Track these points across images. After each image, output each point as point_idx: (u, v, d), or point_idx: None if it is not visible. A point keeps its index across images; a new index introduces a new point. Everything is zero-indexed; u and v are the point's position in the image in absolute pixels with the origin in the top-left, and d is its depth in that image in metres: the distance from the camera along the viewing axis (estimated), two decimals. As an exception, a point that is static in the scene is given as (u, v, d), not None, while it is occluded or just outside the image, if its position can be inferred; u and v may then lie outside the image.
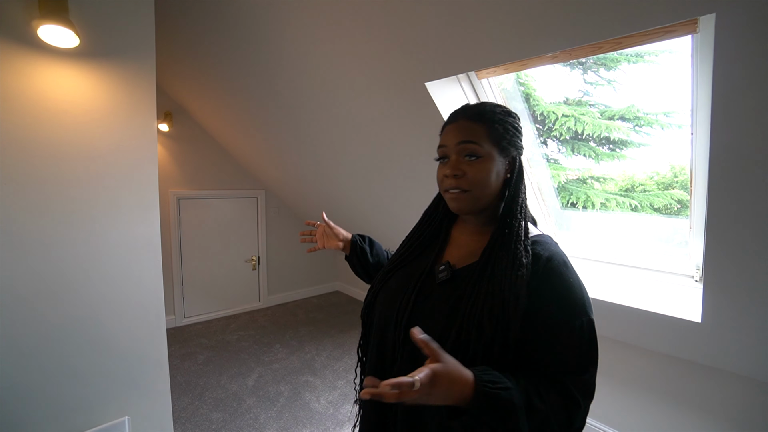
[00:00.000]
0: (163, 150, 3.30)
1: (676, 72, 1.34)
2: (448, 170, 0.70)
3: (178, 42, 2.29)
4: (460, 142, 0.70)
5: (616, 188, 1.95)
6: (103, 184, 1.44)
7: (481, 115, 0.72)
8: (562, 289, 0.65)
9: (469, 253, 0.75)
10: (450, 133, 0.72)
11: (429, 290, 0.73)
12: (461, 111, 0.74)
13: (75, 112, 1.35)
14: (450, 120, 0.74)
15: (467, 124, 0.71)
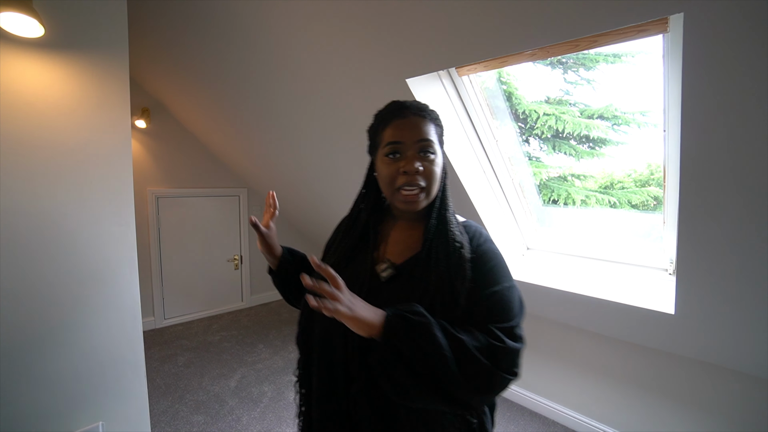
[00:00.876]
0: (140, 147, 3.21)
1: (652, 72, 1.37)
2: (408, 165, 0.69)
3: (155, 37, 2.22)
4: (420, 140, 0.71)
5: (595, 185, 2.00)
6: (74, 182, 1.38)
7: (428, 113, 0.74)
8: (494, 263, 0.72)
9: (407, 248, 0.76)
10: (406, 130, 0.71)
11: (376, 292, 0.71)
12: (406, 107, 0.73)
13: (41, 106, 1.29)
14: (397, 115, 0.73)
15: (420, 122, 0.72)
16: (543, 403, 2.27)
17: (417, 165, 0.69)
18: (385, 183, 0.73)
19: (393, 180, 0.71)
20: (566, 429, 2.13)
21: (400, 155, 0.71)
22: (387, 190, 0.74)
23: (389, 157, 0.72)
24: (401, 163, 0.70)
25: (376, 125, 0.76)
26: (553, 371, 2.24)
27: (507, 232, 2.04)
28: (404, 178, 0.70)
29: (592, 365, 2.07)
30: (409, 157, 0.70)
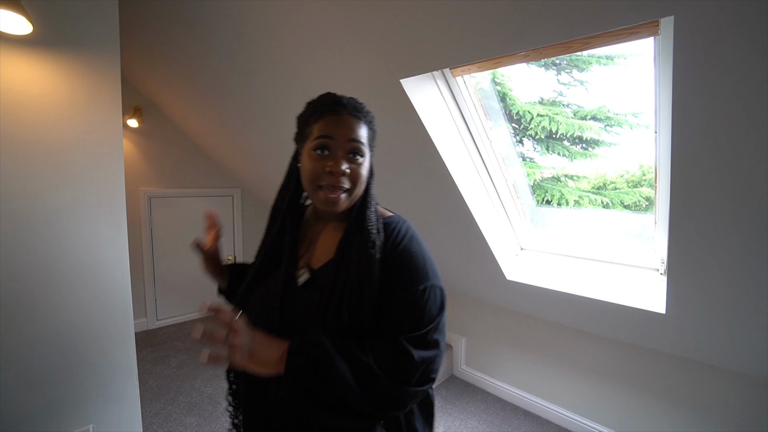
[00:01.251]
0: (132, 147, 3.17)
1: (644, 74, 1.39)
2: (335, 165, 0.66)
3: (148, 36, 2.20)
4: (351, 140, 0.68)
5: (588, 186, 2.01)
6: (64, 181, 1.36)
7: (364, 114, 0.72)
8: (408, 264, 0.69)
9: (327, 250, 0.74)
10: (338, 127, 0.68)
11: (294, 297, 0.70)
12: (343, 104, 0.70)
13: (30, 104, 1.27)
14: (332, 110, 0.69)
15: (353, 121, 0.70)
16: (536, 402, 2.28)
17: (344, 167, 0.67)
18: (307, 178, 0.69)
19: (317, 177, 0.68)
20: (560, 428, 2.15)
21: (328, 152, 0.68)
22: (308, 186, 0.70)
23: (317, 152, 0.68)
24: (328, 162, 0.67)
25: (308, 115, 0.72)
26: (546, 370, 2.25)
27: (501, 233, 2.05)
28: (329, 178, 0.67)
29: (584, 364, 2.09)
30: (337, 156, 0.68)
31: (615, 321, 1.80)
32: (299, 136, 0.75)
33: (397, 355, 0.63)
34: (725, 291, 1.31)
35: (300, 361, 0.61)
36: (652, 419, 1.86)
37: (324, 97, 0.73)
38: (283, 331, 0.66)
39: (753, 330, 1.35)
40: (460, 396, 2.47)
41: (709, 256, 1.25)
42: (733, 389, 1.62)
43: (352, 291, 0.66)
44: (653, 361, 1.84)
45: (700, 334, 1.53)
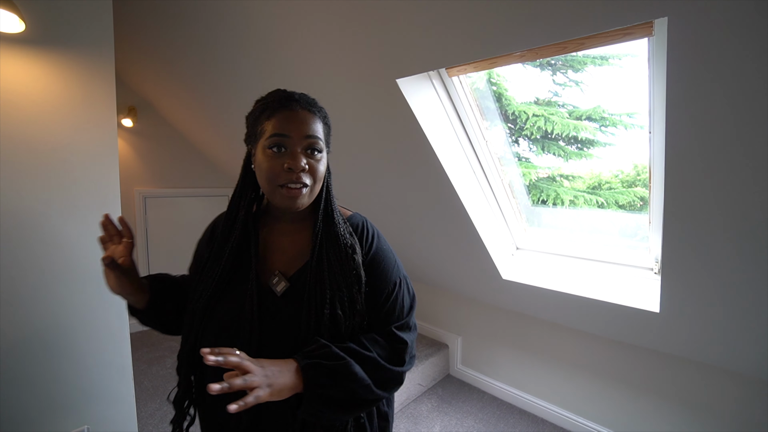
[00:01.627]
0: (127, 146, 3.15)
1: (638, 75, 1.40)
2: (294, 162, 0.65)
3: (142, 35, 2.19)
4: (307, 136, 0.67)
5: (584, 186, 2.02)
6: (58, 181, 1.35)
7: (318, 109, 0.72)
8: (384, 263, 0.75)
9: (297, 255, 0.73)
10: (293, 123, 0.66)
11: (272, 310, 0.68)
12: (295, 100, 0.69)
13: (23, 103, 1.26)
14: (284, 105, 0.68)
15: (308, 117, 0.68)
16: (532, 401, 2.29)
17: (302, 162, 0.65)
18: (265, 178, 0.67)
19: (275, 176, 0.66)
20: (555, 426, 2.16)
21: (285, 150, 0.66)
22: (267, 185, 0.67)
23: (272, 150, 0.66)
24: (286, 159, 0.65)
25: (259, 113, 0.69)
26: (541, 369, 2.26)
27: (497, 232, 2.06)
28: (287, 176, 0.65)
29: (580, 363, 2.10)
30: (295, 153, 0.66)
31: (610, 320, 1.81)
32: (250, 136, 0.72)
33: (394, 344, 0.70)
34: (719, 290, 1.32)
35: (319, 376, 0.61)
36: (647, 417, 1.88)
37: (274, 93, 0.71)
38: (262, 342, 0.65)
39: (746, 329, 1.36)
40: (456, 395, 2.48)
41: (702, 255, 1.27)
42: (727, 388, 1.64)
43: (342, 297, 0.67)
44: (647, 359, 1.85)
45: (694, 333, 1.54)
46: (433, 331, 2.89)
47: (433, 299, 2.89)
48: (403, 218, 2.26)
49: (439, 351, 2.69)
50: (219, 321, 0.68)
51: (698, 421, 1.72)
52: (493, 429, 2.14)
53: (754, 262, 1.18)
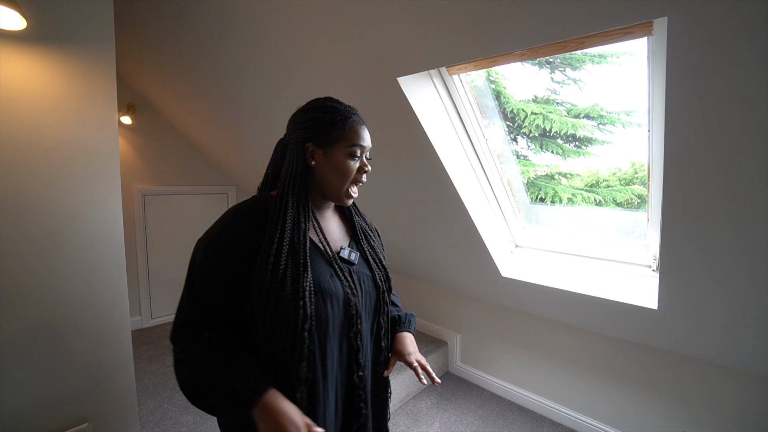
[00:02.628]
0: (126, 144, 3.14)
1: (636, 73, 1.41)
2: (367, 168, 0.83)
3: (140, 32, 2.18)
4: (369, 147, 0.85)
5: (581, 184, 2.04)
6: (60, 178, 1.35)
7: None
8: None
9: (342, 234, 0.90)
10: (365, 135, 0.83)
11: (357, 274, 0.84)
12: (359, 117, 0.84)
13: (24, 101, 1.26)
14: (358, 120, 0.82)
15: (367, 132, 0.85)
16: (531, 398, 2.31)
17: (368, 167, 0.84)
18: (342, 177, 0.80)
19: (351, 174, 0.81)
20: (553, 423, 2.18)
21: (358, 157, 0.82)
22: (341, 183, 0.80)
23: (352, 157, 0.80)
24: (362, 164, 0.82)
25: (332, 121, 0.79)
26: (540, 367, 2.28)
27: (496, 230, 2.07)
28: (359, 175, 0.82)
29: (578, 360, 2.12)
30: (364, 159, 0.84)
31: (608, 317, 1.83)
32: (319, 138, 0.80)
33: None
34: (716, 287, 1.33)
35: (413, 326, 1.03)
36: (644, 413, 1.90)
37: (339, 104, 0.83)
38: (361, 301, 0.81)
39: (744, 325, 1.38)
40: (455, 392, 2.50)
41: (700, 252, 1.28)
42: (724, 384, 1.65)
43: (383, 258, 0.92)
44: (645, 356, 1.87)
45: (692, 330, 1.56)
46: (433, 329, 2.91)
47: (432, 297, 2.91)
48: (402, 216, 2.26)
49: (439, 348, 2.71)
50: (329, 290, 0.75)
51: (696, 418, 1.74)
52: (492, 426, 2.16)
53: (752, 259, 1.19)
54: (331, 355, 0.75)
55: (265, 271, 0.70)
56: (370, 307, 0.84)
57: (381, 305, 0.86)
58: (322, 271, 0.76)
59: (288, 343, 0.69)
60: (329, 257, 0.80)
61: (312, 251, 0.77)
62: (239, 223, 0.75)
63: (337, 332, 0.76)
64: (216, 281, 0.71)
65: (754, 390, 1.57)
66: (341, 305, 0.76)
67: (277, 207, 0.76)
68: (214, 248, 0.73)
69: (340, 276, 0.78)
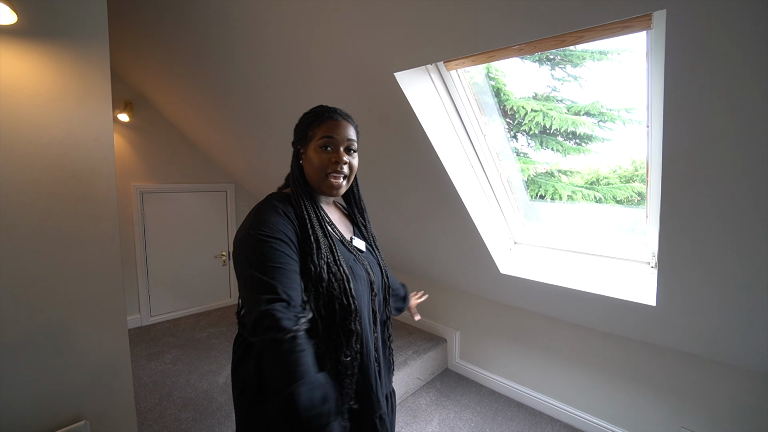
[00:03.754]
0: (123, 141, 3.13)
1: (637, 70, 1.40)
2: (339, 158, 0.88)
3: (137, 28, 2.16)
4: (348, 139, 0.90)
5: (581, 181, 2.03)
6: (53, 176, 1.34)
7: (352, 120, 0.94)
8: None
9: (346, 226, 1.02)
10: (338, 129, 0.89)
11: (369, 258, 0.99)
12: (338, 112, 0.91)
13: (16, 97, 1.24)
14: (330, 116, 0.90)
15: (347, 125, 0.91)
16: (529, 394, 2.31)
17: (344, 158, 0.89)
18: (316, 169, 0.88)
19: (324, 167, 0.88)
20: (551, 419, 2.18)
21: (331, 148, 0.88)
22: (317, 175, 0.88)
23: (322, 149, 0.88)
24: (332, 155, 0.88)
25: (310, 121, 0.91)
26: (538, 363, 2.28)
27: (495, 227, 2.06)
28: (333, 167, 0.88)
29: (576, 357, 2.12)
30: (339, 151, 0.89)
31: (606, 314, 1.82)
32: (301, 140, 0.92)
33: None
34: (715, 283, 1.33)
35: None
36: (643, 409, 1.90)
37: (320, 108, 0.93)
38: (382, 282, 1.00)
39: (742, 322, 1.37)
40: (454, 389, 2.50)
41: (699, 249, 1.27)
42: (722, 381, 1.65)
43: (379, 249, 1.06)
44: (643, 352, 1.87)
45: (690, 326, 1.55)
46: (432, 326, 2.90)
47: (431, 294, 2.90)
48: (401, 213, 2.26)
49: (438, 345, 2.71)
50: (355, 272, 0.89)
51: (693, 414, 1.74)
52: (490, 422, 2.16)
53: (750, 256, 1.18)
54: (366, 324, 0.89)
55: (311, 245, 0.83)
56: (379, 287, 0.98)
57: (386, 285, 1.02)
58: (346, 255, 0.89)
59: (345, 299, 0.82)
60: (348, 246, 0.93)
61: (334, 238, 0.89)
62: (283, 211, 0.84)
63: (367, 306, 0.90)
64: (287, 265, 0.78)
65: (752, 386, 1.57)
66: (366, 284, 0.91)
67: (296, 203, 0.88)
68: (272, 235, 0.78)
69: (359, 259, 0.93)
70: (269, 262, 0.75)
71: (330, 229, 0.91)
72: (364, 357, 0.87)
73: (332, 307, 0.82)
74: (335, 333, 0.83)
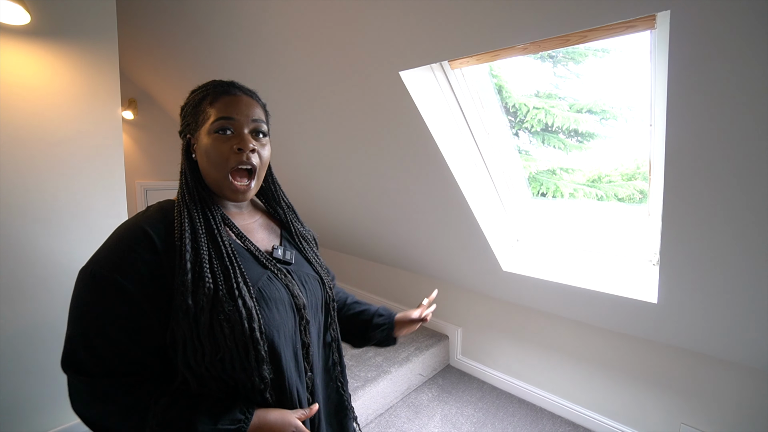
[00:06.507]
0: (128, 139, 3.15)
1: (639, 68, 1.40)
2: (243, 143, 0.64)
3: (142, 26, 2.17)
4: (254, 120, 0.67)
5: (583, 179, 2.04)
6: (64, 174, 1.36)
7: (257, 97, 0.72)
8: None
9: (269, 234, 0.77)
10: (239, 107, 0.65)
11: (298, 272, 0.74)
12: (237, 86, 0.70)
13: (29, 96, 1.26)
14: (227, 91, 0.67)
15: (250, 101, 0.69)
16: (530, 390, 2.33)
17: (251, 144, 0.65)
18: (214, 163, 0.64)
19: (225, 159, 0.64)
20: (553, 414, 2.20)
21: (231, 132, 0.65)
22: (216, 172, 0.64)
23: (218, 134, 0.64)
24: (233, 141, 0.64)
25: (199, 100, 0.67)
26: (540, 360, 2.30)
27: (497, 224, 2.08)
28: (237, 157, 0.64)
29: (577, 353, 2.13)
30: (242, 134, 0.65)
31: (608, 311, 1.84)
32: (190, 125, 0.68)
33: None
34: (716, 281, 1.34)
35: None
36: (643, 406, 1.92)
37: (211, 82, 0.70)
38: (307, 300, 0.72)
39: (744, 319, 1.39)
40: (456, 385, 2.52)
41: (700, 246, 1.29)
42: (723, 378, 1.67)
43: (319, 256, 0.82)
44: (645, 350, 1.89)
45: (691, 324, 1.57)
46: (434, 322, 2.92)
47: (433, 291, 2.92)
48: (404, 210, 2.27)
49: (440, 342, 2.73)
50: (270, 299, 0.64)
51: (694, 411, 1.76)
52: (492, 418, 2.18)
53: (752, 253, 1.20)
54: (288, 365, 0.64)
55: (184, 273, 0.57)
56: (318, 308, 0.74)
57: (328, 304, 0.77)
58: (257, 274, 0.64)
59: (240, 349, 0.57)
60: (261, 259, 0.67)
61: (238, 254, 0.64)
62: (162, 237, 0.61)
63: (290, 340, 0.65)
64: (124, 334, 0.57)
65: (753, 384, 1.59)
66: (288, 309, 0.65)
67: (180, 213, 0.63)
68: (130, 268, 0.58)
69: (280, 277, 0.67)
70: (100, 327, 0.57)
71: (241, 241, 0.68)
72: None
73: (221, 358, 0.57)
74: (224, 386, 0.59)
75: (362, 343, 0.94)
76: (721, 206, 1.15)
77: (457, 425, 2.12)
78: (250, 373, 0.58)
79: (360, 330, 0.92)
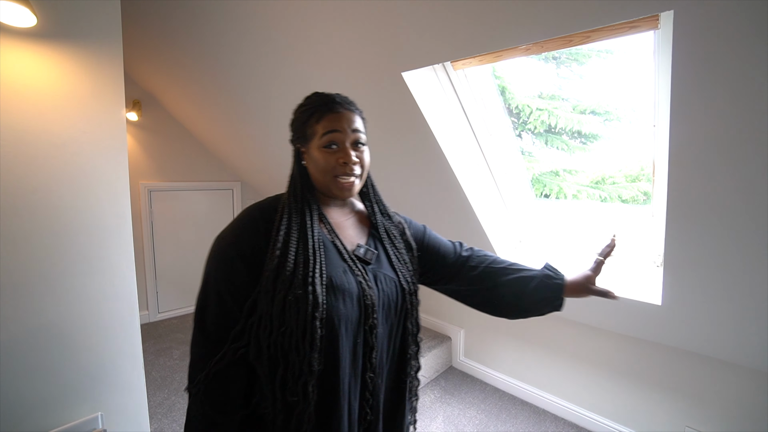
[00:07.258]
0: (132, 140, 3.17)
1: (643, 69, 1.40)
2: (347, 157, 0.75)
3: (146, 28, 2.19)
4: (354, 131, 0.77)
5: (587, 180, 2.03)
6: (69, 174, 1.37)
7: (356, 107, 0.81)
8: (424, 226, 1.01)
9: (359, 233, 0.85)
10: (341, 123, 0.76)
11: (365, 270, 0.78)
12: (338, 102, 0.78)
13: (34, 97, 1.27)
14: (331, 109, 0.76)
15: (351, 115, 0.78)
16: (533, 392, 2.32)
17: (354, 156, 0.76)
18: (322, 171, 0.76)
19: (332, 168, 0.75)
20: (555, 416, 2.19)
21: (336, 146, 0.75)
22: (324, 178, 0.76)
23: (327, 149, 0.75)
24: (339, 155, 0.75)
25: (307, 117, 0.78)
26: (542, 361, 2.29)
27: (500, 225, 2.07)
28: (343, 169, 0.76)
29: (580, 355, 2.12)
30: (345, 149, 0.76)
31: (611, 312, 1.83)
32: (300, 138, 0.80)
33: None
34: (720, 283, 1.33)
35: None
36: (648, 409, 1.90)
37: (315, 98, 0.80)
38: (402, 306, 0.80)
39: (748, 321, 1.38)
40: (458, 387, 2.52)
41: (705, 248, 1.28)
42: (728, 380, 1.65)
43: (408, 258, 0.87)
44: (649, 352, 1.87)
45: (696, 326, 1.56)
46: (436, 324, 2.92)
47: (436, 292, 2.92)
48: (407, 211, 2.27)
49: (442, 343, 2.73)
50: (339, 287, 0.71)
51: (699, 413, 1.75)
52: (494, 419, 2.18)
53: (756, 255, 1.19)
54: (344, 356, 0.69)
55: (273, 259, 0.69)
56: (390, 309, 0.78)
57: (406, 308, 0.82)
58: (335, 266, 0.73)
59: (299, 330, 0.65)
60: (343, 254, 0.76)
61: (324, 247, 0.74)
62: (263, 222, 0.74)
63: (351, 332, 0.71)
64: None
65: (758, 386, 1.57)
66: (355, 302, 0.71)
67: (282, 209, 0.76)
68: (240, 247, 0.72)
69: (355, 272, 0.74)
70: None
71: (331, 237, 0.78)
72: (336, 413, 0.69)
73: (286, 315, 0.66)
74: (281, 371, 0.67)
75: (518, 314, 1.01)
76: (725, 207, 1.15)
77: (459, 427, 2.12)
78: (302, 357, 0.65)
79: (516, 298, 1.01)
